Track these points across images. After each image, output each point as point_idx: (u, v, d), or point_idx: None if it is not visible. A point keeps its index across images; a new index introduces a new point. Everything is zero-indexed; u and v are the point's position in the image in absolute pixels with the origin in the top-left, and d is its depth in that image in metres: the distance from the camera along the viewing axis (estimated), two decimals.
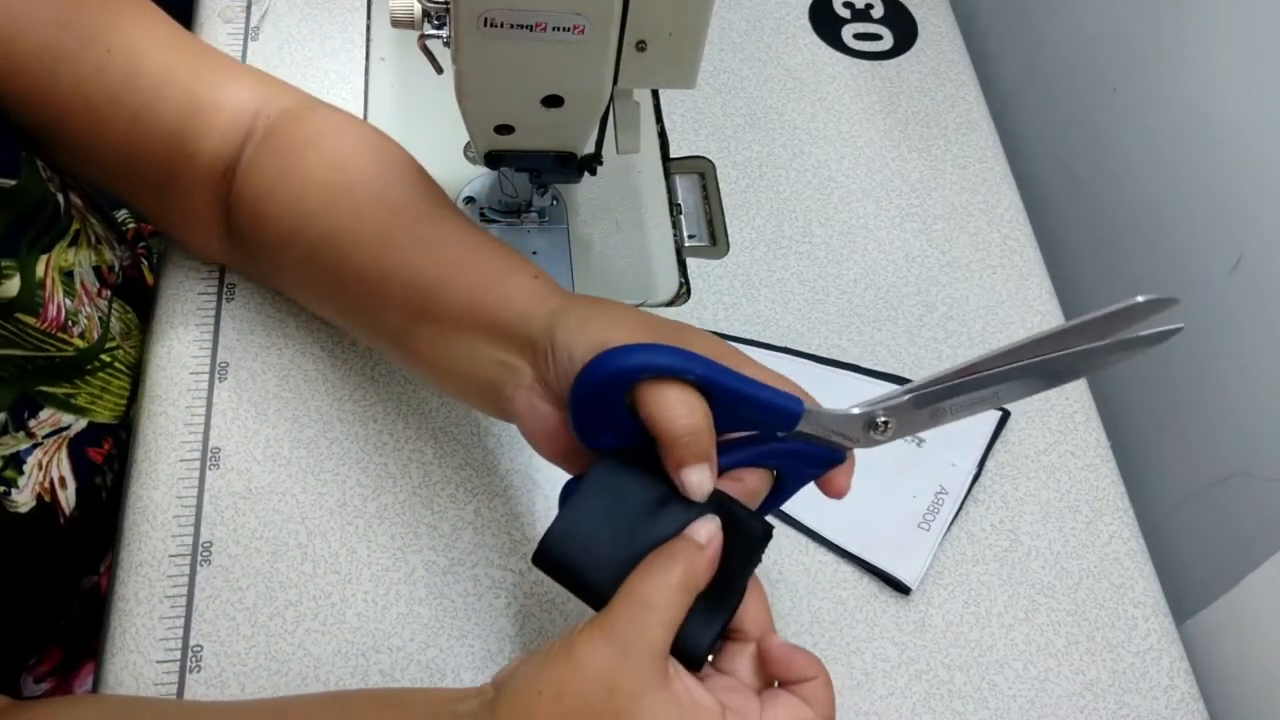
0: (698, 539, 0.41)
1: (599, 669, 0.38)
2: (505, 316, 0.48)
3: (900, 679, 0.58)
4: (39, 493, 0.57)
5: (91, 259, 0.61)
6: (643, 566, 0.41)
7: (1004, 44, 0.89)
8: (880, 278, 0.71)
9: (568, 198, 0.73)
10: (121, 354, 0.63)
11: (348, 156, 0.56)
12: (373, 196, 0.54)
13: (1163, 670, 0.59)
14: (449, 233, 0.53)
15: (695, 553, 0.41)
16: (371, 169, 0.55)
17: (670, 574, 0.40)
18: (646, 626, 0.38)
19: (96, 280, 0.61)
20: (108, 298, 0.62)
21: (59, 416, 0.58)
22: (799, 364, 0.67)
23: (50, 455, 0.58)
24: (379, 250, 0.53)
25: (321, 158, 0.56)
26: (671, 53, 0.53)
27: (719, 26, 0.83)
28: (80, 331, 0.58)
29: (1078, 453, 0.66)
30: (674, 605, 0.39)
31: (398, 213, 0.54)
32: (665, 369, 0.42)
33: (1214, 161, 0.66)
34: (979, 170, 0.77)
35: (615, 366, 0.42)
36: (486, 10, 0.49)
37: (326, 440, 0.61)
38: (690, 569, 0.40)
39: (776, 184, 0.75)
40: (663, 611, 0.39)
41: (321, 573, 0.58)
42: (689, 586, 0.40)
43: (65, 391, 0.58)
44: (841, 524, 0.61)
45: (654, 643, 0.38)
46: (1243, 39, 0.63)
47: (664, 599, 0.39)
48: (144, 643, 0.55)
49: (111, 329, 0.62)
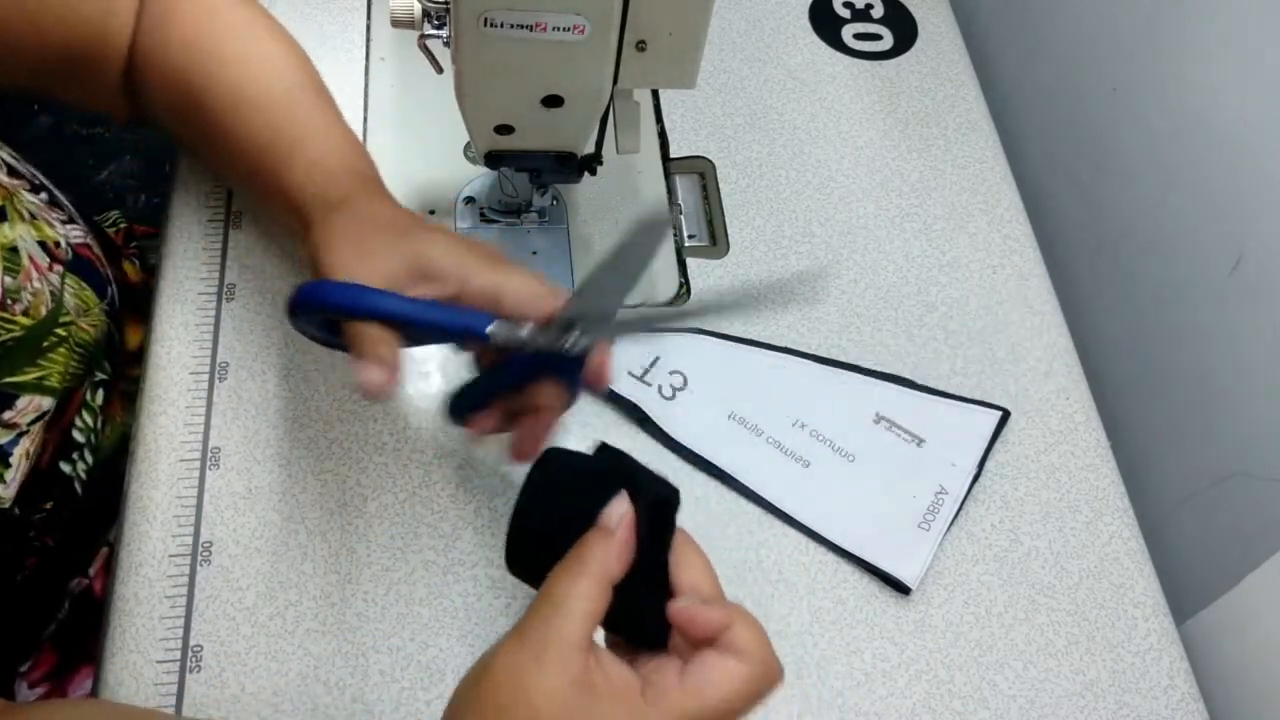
0: (608, 524, 0.42)
1: (515, 676, 0.38)
2: (287, 199, 0.56)
3: (900, 679, 0.58)
4: (24, 483, 0.57)
5: (33, 234, 0.61)
6: (556, 567, 0.41)
7: (1004, 44, 0.89)
8: (880, 278, 0.71)
9: (568, 198, 0.73)
10: (76, 330, 0.62)
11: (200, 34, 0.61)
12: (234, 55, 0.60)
13: (1163, 670, 0.59)
14: (273, 101, 0.59)
15: (603, 541, 0.41)
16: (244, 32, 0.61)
17: (579, 567, 0.40)
18: (557, 626, 0.39)
19: (45, 255, 0.61)
20: (59, 273, 0.61)
21: (39, 401, 0.58)
22: (799, 364, 0.67)
23: (35, 442, 0.58)
24: (225, 111, 0.59)
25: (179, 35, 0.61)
26: (671, 53, 0.54)
27: (719, 26, 0.83)
28: (24, 309, 0.57)
29: (1078, 453, 0.66)
30: (586, 598, 0.39)
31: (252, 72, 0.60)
32: (349, 309, 0.49)
33: (1214, 161, 0.66)
34: (979, 170, 0.77)
35: (313, 299, 0.50)
36: (486, 10, 0.49)
37: (326, 440, 0.61)
38: (600, 559, 0.40)
39: (776, 184, 0.75)
40: (573, 606, 0.39)
41: (321, 573, 0.58)
42: (600, 575, 0.40)
43: (35, 376, 0.58)
44: (841, 524, 0.61)
45: (566, 640, 0.39)
46: (1243, 39, 0.63)
47: (574, 593, 0.39)
48: (144, 643, 0.55)
49: (66, 304, 0.61)
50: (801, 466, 0.63)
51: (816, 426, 0.64)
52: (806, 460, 0.63)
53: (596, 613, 0.40)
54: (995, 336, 0.70)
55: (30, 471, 0.58)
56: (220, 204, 0.69)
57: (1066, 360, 0.69)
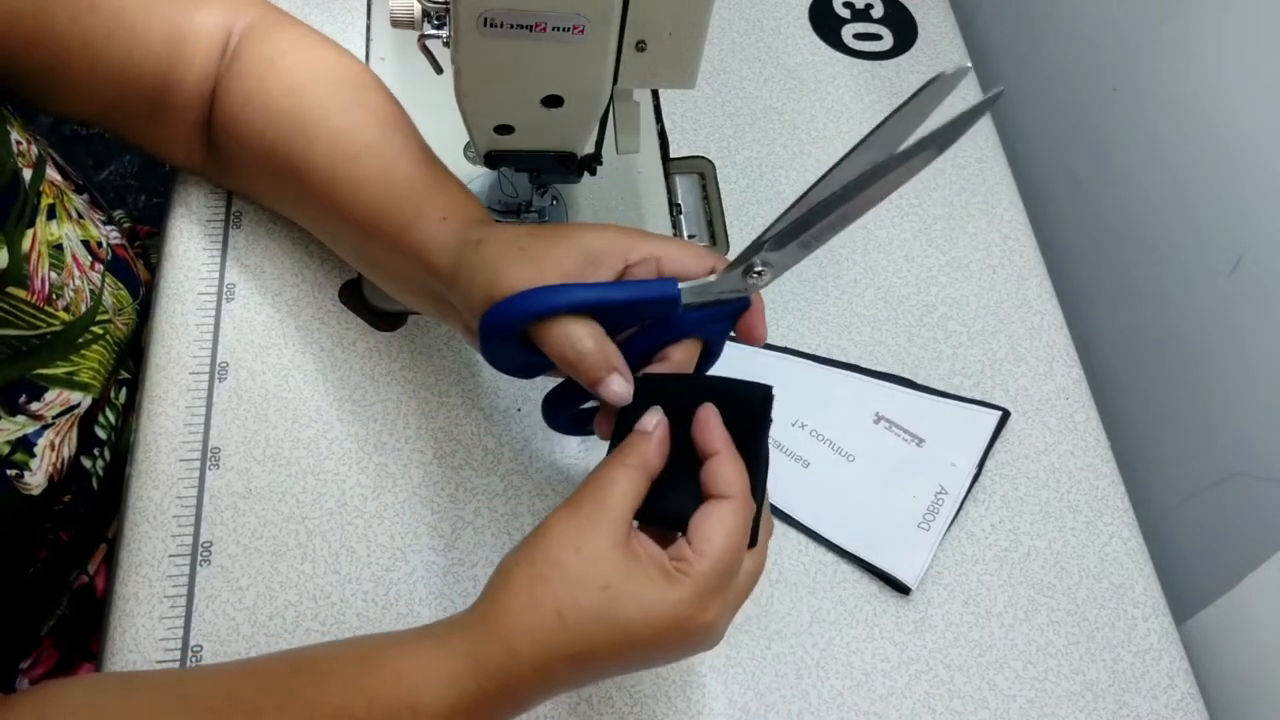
0: (645, 428, 0.48)
1: (567, 535, 0.45)
2: (424, 258, 0.55)
3: (900, 679, 0.58)
4: (51, 474, 0.58)
5: (79, 233, 0.61)
6: (605, 458, 0.47)
7: (1004, 44, 0.89)
8: (880, 278, 0.71)
9: (568, 198, 0.73)
10: (113, 329, 0.63)
11: (304, 80, 0.59)
12: (319, 125, 0.58)
13: (1163, 670, 0.59)
14: (377, 171, 0.57)
15: (642, 439, 0.47)
16: (323, 91, 0.59)
17: (622, 458, 0.47)
18: (605, 498, 0.45)
19: (88, 254, 0.62)
20: (100, 271, 0.62)
21: (68, 395, 0.59)
22: (799, 364, 0.67)
23: (63, 435, 0.59)
24: (327, 185, 0.58)
25: (280, 82, 0.59)
26: (671, 53, 0.53)
27: (719, 26, 0.83)
28: (65, 305, 0.58)
29: (1078, 453, 0.66)
30: (629, 480, 0.46)
31: (343, 143, 0.58)
32: (544, 311, 0.48)
33: (1214, 161, 0.66)
34: (979, 170, 0.77)
35: (503, 317, 0.49)
36: (486, 10, 0.49)
37: (326, 440, 0.61)
38: (639, 452, 0.47)
39: (776, 184, 0.75)
40: (618, 485, 0.45)
41: (321, 573, 0.58)
42: (641, 465, 0.46)
43: (65, 370, 0.59)
44: (841, 524, 0.61)
45: (613, 510, 0.45)
46: (1243, 39, 0.63)
47: (619, 476, 0.46)
48: (144, 643, 0.55)
49: (104, 303, 0.62)
50: (801, 466, 0.63)
51: (816, 426, 0.64)
52: (806, 460, 0.63)
53: (637, 493, 0.46)
54: (995, 336, 0.70)
55: (55, 464, 0.59)
56: (220, 204, 0.69)
57: (1066, 360, 0.69)
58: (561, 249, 0.50)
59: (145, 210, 1.56)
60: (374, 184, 0.56)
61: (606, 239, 0.51)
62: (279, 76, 0.59)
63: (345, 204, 0.57)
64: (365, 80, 0.61)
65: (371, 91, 0.60)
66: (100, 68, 0.58)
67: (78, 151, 1.59)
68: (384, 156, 0.57)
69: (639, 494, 0.46)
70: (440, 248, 0.54)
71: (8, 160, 0.54)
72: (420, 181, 0.56)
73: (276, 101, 0.59)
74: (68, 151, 1.59)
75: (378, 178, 0.57)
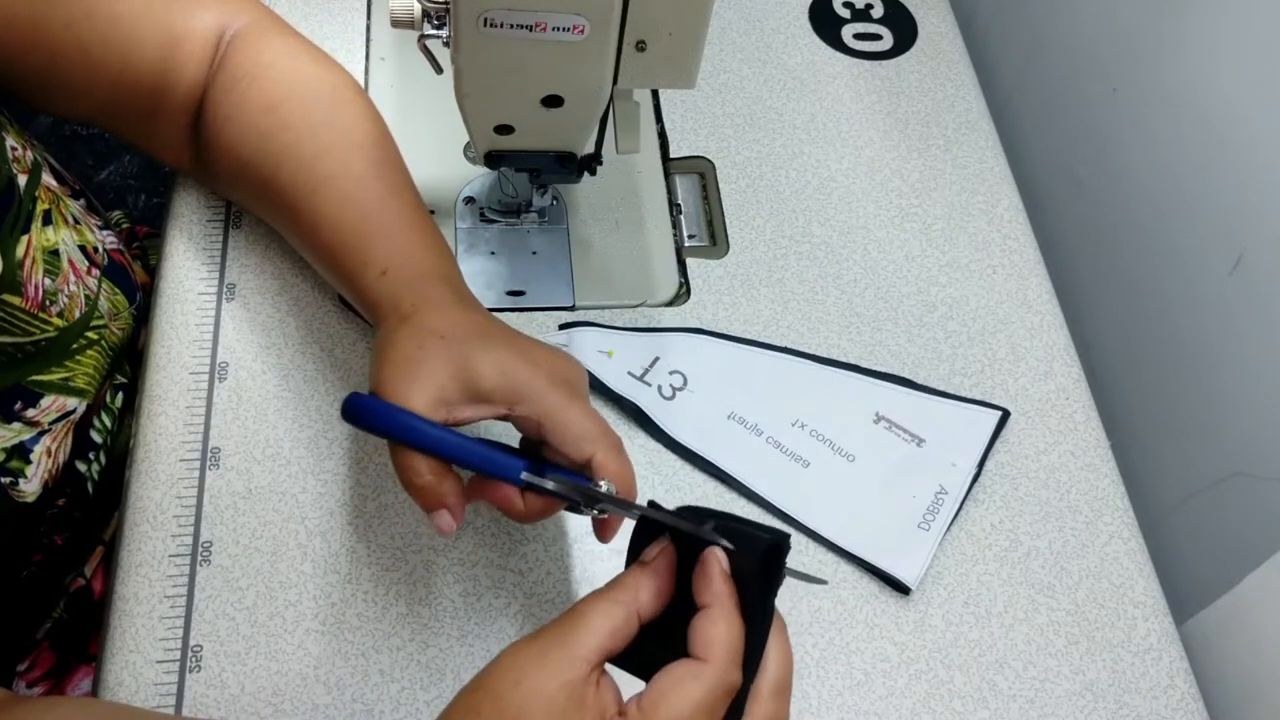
0: (645, 558, 0.43)
1: (514, 666, 0.40)
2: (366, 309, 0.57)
3: (900, 679, 0.58)
4: (46, 480, 0.58)
5: (75, 238, 0.61)
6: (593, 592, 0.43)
7: (1004, 44, 0.89)
8: (880, 278, 0.71)
9: (568, 198, 0.73)
10: (109, 334, 0.63)
11: (281, 99, 0.60)
12: (288, 150, 0.59)
13: (1163, 670, 0.59)
14: (331, 209, 0.58)
15: (638, 570, 0.43)
16: (297, 113, 0.60)
17: (609, 591, 0.42)
18: (569, 632, 0.40)
19: (85, 259, 0.62)
20: (97, 277, 0.62)
21: (64, 401, 0.59)
22: (799, 364, 0.67)
23: (58, 441, 0.59)
24: (292, 214, 0.59)
25: (259, 99, 0.60)
26: (671, 53, 0.54)
27: (719, 26, 0.83)
28: (59, 311, 0.58)
29: (1078, 453, 0.66)
30: (606, 615, 0.41)
31: (304, 175, 0.58)
32: (389, 433, 0.49)
33: (1214, 161, 0.66)
34: (979, 170, 0.77)
35: (357, 414, 0.50)
36: (486, 10, 0.49)
37: (326, 440, 0.61)
38: (631, 586, 0.42)
39: (776, 184, 0.75)
40: (591, 621, 0.40)
41: (321, 573, 0.58)
42: (628, 602, 0.41)
43: (61, 376, 0.59)
44: (841, 524, 0.61)
45: (574, 646, 0.40)
46: (1243, 39, 0.63)
47: (596, 610, 0.41)
48: (144, 643, 0.55)
49: (100, 308, 0.62)
50: (801, 466, 0.63)
51: (816, 426, 0.64)
52: (806, 460, 0.63)
53: (614, 631, 0.41)
54: (995, 336, 0.70)
55: (50, 470, 0.59)
56: (220, 204, 0.69)
57: (1066, 360, 0.69)
58: (447, 373, 0.50)
59: (145, 210, 1.56)
60: (328, 225, 0.58)
61: (501, 379, 0.50)
62: (259, 93, 0.59)
63: (306, 237, 0.60)
64: (341, 95, 0.61)
65: (345, 107, 0.61)
66: (96, 72, 0.58)
67: (78, 151, 1.59)
68: (341, 190, 0.58)
69: (618, 632, 0.41)
70: (375, 303, 0.55)
71: (2, 167, 0.54)
72: (372, 225, 0.57)
73: (253, 120, 0.59)
74: (68, 151, 1.60)
75: (332, 217, 0.58)
